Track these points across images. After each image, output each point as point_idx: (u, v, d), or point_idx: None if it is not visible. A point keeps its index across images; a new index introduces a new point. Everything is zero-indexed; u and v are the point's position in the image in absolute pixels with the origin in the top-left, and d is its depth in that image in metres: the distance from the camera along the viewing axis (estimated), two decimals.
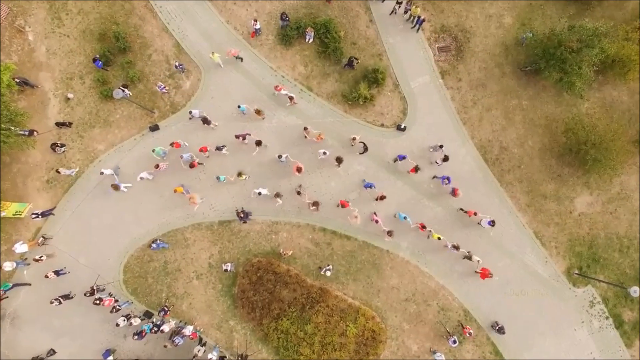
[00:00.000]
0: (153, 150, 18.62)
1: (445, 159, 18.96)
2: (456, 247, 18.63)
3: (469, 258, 18.86)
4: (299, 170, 18.23)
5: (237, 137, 18.73)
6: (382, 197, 18.75)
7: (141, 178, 18.71)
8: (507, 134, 20.41)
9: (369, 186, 18.95)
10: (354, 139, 18.93)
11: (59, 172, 19.09)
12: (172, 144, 18.75)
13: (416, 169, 18.76)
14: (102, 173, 18.52)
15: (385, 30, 20.62)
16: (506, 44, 20.74)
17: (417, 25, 20.20)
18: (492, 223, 18.53)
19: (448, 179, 18.77)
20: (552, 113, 20.43)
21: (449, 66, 20.62)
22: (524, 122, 20.47)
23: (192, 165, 18.50)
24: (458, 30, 20.83)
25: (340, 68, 20.32)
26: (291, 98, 19.11)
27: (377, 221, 18.69)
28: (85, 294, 18.06)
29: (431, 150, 19.62)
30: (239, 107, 19.09)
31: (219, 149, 18.83)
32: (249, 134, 18.86)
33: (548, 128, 20.39)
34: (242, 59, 19.91)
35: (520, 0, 20.73)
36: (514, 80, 20.64)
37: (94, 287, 18.23)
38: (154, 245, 18.93)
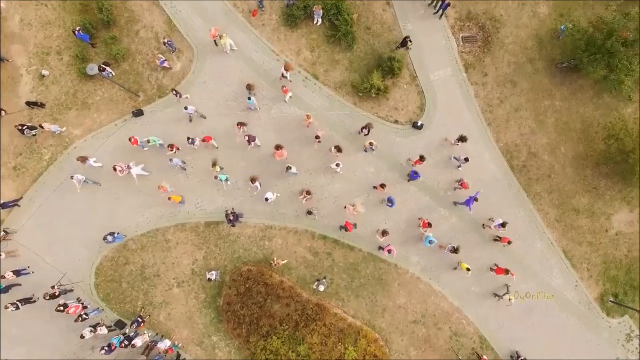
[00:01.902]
0: (148, 141, 16.31)
1: (466, 159, 16.66)
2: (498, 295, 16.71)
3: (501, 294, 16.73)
4: (278, 148, 15.88)
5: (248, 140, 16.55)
6: (383, 186, 16.26)
7: (135, 174, 16.44)
8: (537, 138, 17.97)
9: (390, 202, 16.59)
10: (370, 144, 16.45)
11: (42, 127, 16.72)
12: (170, 146, 16.33)
13: (421, 159, 16.29)
14: (71, 178, 16.23)
15: (404, 14, 18.23)
16: (540, 36, 18.29)
17: (441, 11, 17.80)
18: (501, 225, 16.16)
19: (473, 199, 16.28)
20: (590, 116, 17.97)
21: (474, 59, 18.21)
22: (557, 126, 18.02)
23: (170, 147, 16.20)
24: (486, 18, 18.41)
25: (351, 55, 17.94)
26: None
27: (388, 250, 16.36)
28: (45, 297, 15.73)
29: (452, 143, 17.09)
30: (249, 99, 16.71)
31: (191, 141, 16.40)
32: (254, 140, 16.64)
33: (584, 133, 17.93)
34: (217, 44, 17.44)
35: None
36: (547, 77, 18.20)
37: (57, 288, 15.86)
38: (109, 237, 16.43)
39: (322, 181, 17.40)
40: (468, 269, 15.86)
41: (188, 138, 16.30)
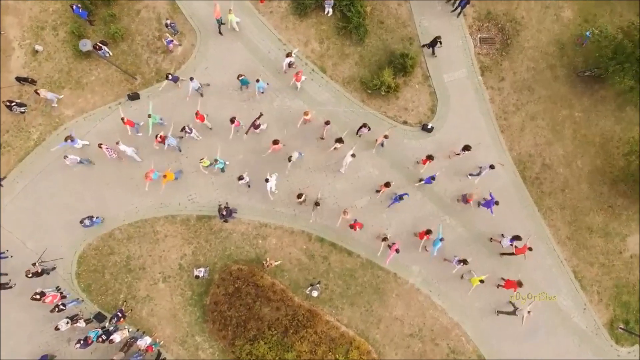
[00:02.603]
0: (149, 116, 15.27)
1: (491, 167, 15.50)
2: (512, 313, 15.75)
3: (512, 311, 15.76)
4: (275, 143, 14.89)
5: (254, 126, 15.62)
6: (387, 184, 15.12)
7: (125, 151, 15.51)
8: (553, 149, 16.98)
9: (396, 200, 15.66)
10: (386, 136, 15.48)
11: (37, 94, 15.79)
12: (157, 137, 15.28)
13: (429, 158, 15.25)
14: (65, 158, 15.37)
15: (420, 10, 17.29)
16: (562, 41, 17.31)
17: (459, 9, 16.84)
18: (514, 239, 15.16)
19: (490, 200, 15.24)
20: (611, 130, 16.97)
21: (492, 61, 17.26)
22: (575, 138, 17.03)
23: (158, 138, 15.20)
24: (507, 19, 17.44)
25: (362, 49, 17.00)
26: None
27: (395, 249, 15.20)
28: (27, 275, 14.79)
29: (457, 153, 16.09)
30: (257, 81, 15.65)
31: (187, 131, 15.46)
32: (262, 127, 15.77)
33: (603, 148, 16.93)
34: (222, 25, 16.47)
35: None
36: (567, 86, 17.22)
37: (38, 265, 14.95)
38: (87, 221, 15.38)
39: (323, 180, 16.46)
40: (482, 281, 14.86)
41: (183, 128, 15.36)
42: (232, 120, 15.02)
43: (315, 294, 15.27)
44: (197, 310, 16.20)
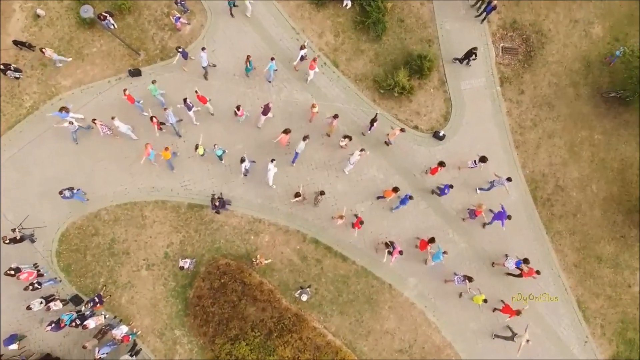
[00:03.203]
0: (153, 82, 14.57)
1: (508, 179, 14.61)
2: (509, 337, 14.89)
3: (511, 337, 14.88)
4: (286, 132, 14.21)
5: (264, 108, 14.76)
6: (395, 189, 14.33)
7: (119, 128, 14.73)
8: (568, 171, 16.15)
9: (403, 203, 14.79)
10: (402, 130, 14.76)
11: (42, 52, 15.04)
12: (151, 119, 14.49)
13: (441, 165, 14.43)
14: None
15: (443, 12, 16.49)
16: (589, 59, 16.48)
17: (484, 14, 16.03)
18: (520, 262, 14.33)
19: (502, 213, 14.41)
20: (631, 156, 16.13)
21: (512, 73, 16.44)
22: (592, 161, 16.20)
23: (151, 119, 14.40)
24: (532, 30, 16.61)
25: (379, 47, 16.20)
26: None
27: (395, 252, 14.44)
28: (4, 241, 13.97)
29: (470, 166, 15.23)
30: (271, 59, 14.81)
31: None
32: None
33: (621, 174, 16.09)
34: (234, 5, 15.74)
35: (618, 7, 16.46)
36: (589, 106, 16.39)
37: (18, 231, 14.18)
38: (67, 192, 14.41)
39: (324, 179, 15.65)
40: (485, 300, 14.03)
41: (185, 100, 14.49)
42: (237, 109, 14.25)
43: (304, 298, 14.45)
44: (179, 302, 15.40)
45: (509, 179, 14.44)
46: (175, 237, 15.50)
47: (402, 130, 14.69)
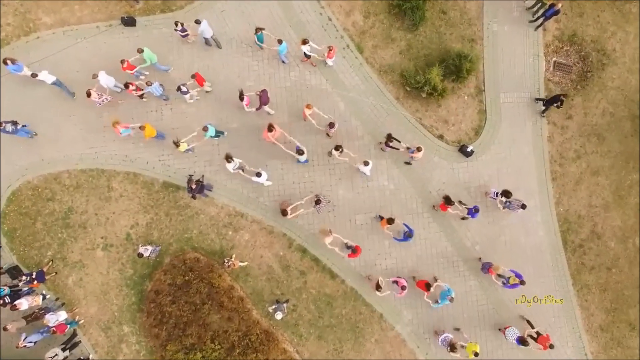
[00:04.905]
0: (141, 51, 12.18)
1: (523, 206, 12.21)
2: None
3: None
4: (270, 129, 11.76)
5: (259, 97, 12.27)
6: (390, 221, 11.76)
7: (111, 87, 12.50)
8: (609, 217, 13.78)
9: (405, 239, 12.29)
10: (419, 148, 11.97)
11: None
12: (193, 76, 12.15)
13: (447, 201, 12.00)
14: (34, 76, 12.27)
15: (493, 11, 14.16)
16: None
17: (542, 19, 13.66)
18: (520, 341, 11.72)
19: None
20: None
21: (562, 92, 14.05)
22: (639, 210, 13.81)
23: (126, 86, 12.03)
24: (593, 48, 14.24)
25: (413, 37, 13.89)
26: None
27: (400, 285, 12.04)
28: None
29: (492, 197, 12.90)
30: (279, 43, 12.50)
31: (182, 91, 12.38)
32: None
33: None
34: None
35: None
36: None
37: None
38: (8, 126, 11.96)
39: (325, 180, 13.35)
40: (476, 354, 11.57)
41: (179, 87, 12.28)
42: (240, 97, 11.91)
43: (279, 316, 12.11)
44: (134, 294, 13.14)
45: (523, 206, 12.06)
46: (142, 218, 13.24)
47: (418, 149, 12.16)
